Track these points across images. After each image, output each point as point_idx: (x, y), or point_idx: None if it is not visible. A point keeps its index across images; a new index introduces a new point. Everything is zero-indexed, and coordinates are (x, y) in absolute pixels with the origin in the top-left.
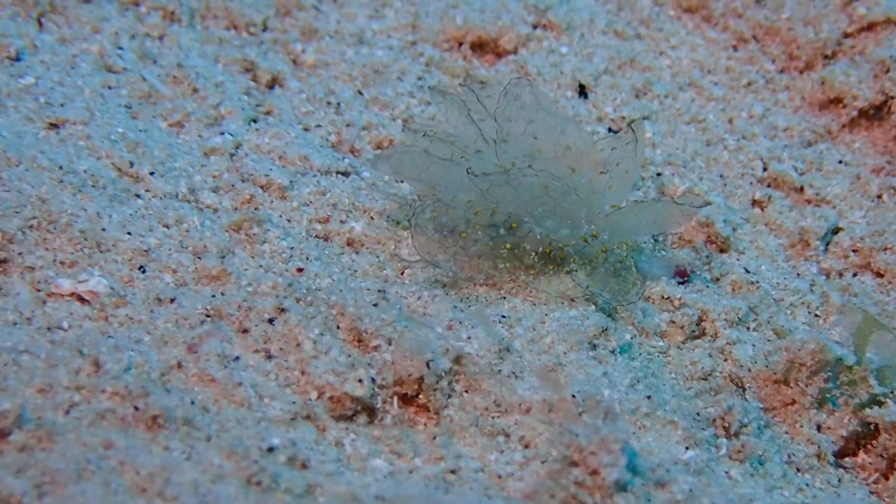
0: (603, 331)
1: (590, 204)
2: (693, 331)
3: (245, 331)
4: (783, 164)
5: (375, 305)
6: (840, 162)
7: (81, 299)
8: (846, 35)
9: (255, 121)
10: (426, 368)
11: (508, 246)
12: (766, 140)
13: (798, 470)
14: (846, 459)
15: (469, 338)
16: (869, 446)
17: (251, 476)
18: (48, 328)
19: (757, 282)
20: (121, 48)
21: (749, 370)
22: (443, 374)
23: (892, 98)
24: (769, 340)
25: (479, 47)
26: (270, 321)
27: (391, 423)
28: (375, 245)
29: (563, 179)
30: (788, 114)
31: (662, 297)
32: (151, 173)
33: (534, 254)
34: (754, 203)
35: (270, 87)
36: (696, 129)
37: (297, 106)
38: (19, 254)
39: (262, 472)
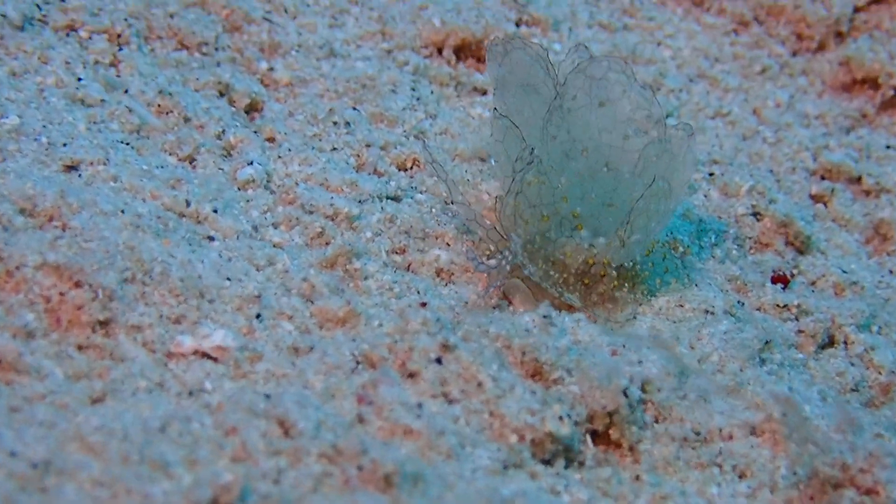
0: (766, 343)
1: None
2: (823, 339)
3: (412, 374)
4: (834, 153)
5: (542, 333)
6: (888, 147)
7: (206, 356)
8: (856, 9)
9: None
10: (622, 398)
11: (567, 253)
12: (802, 129)
13: None
14: None
15: (641, 361)
16: None
17: None
18: (189, 392)
19: (857, 282)
20: (80, 79)
21: None
22: (636, 404)
23: None
24: None
25: (462, 50)
26: (438, 361)
27: (593, 463)
28: (465, 273)
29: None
30: (815, 99)
31: (777, 306)
32: (214, 211)
33: (574, 266)
34: (813, 198)
35: (248, 111)
36: (724, 124)
37: (299, 129)
38: (122, 312)
39: None
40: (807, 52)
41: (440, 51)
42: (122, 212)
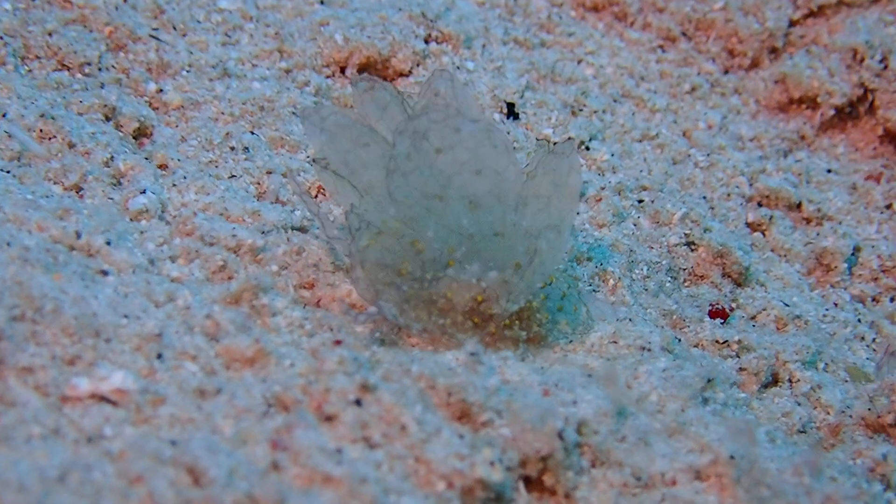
0: (709, 382)
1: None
2: (767, 378)
3: (330, 418)
4: (772, 178)
5: (469, 372)
6: (829, 171)
7: (104, 400)
8: (792, 23)
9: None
10: (557, 441)
11: (449, 294)
12: (737, 152)
13: None
14: None
15: (575, 402)
16: None
17: None
18: (88, 439)
19: (801, 316)
20: None
21: (850, 416)
22: (572, 447)
23: (874, 91)
24: (846, 381)
25: (367, 69)
26: (358, 402)
27: None
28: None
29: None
30: (749, 120)
31: (716, 342)
32: (107, 243)
33: (462, 304)
34: (750, 226)
35: (136, 136)
36: (651, 147)
37: (193, 155)
38: (11, 353)
39: None
40: (739, 69)
41: (343, 70)
42: (8, 244)
